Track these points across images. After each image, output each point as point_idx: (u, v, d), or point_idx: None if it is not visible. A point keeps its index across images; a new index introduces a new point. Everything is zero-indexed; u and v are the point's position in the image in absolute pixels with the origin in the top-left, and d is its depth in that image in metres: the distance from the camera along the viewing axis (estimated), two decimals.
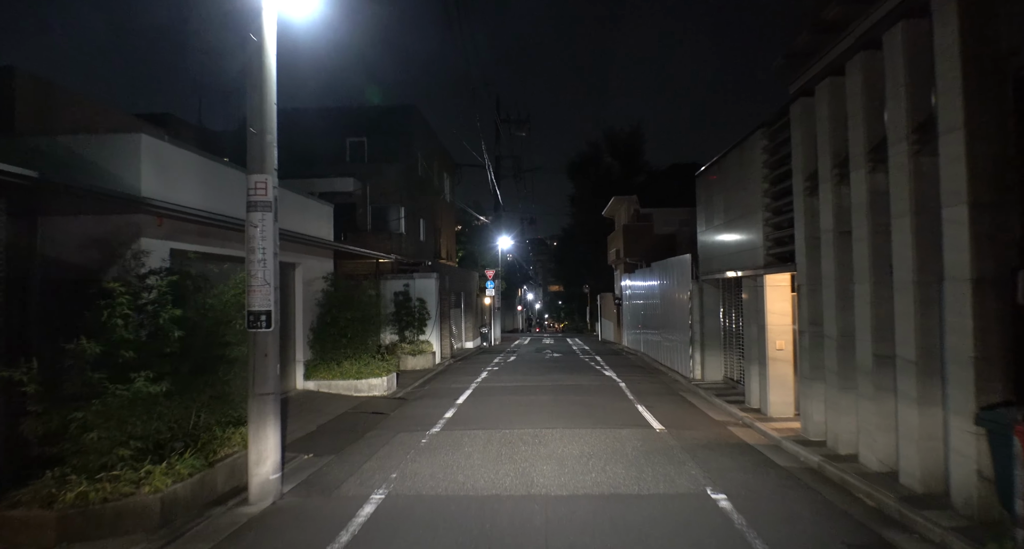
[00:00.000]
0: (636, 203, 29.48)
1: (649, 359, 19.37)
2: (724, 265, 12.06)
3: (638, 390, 12.79)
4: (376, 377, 12.42)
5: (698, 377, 14.10)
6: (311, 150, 23.39)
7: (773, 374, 9.75)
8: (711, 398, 11.72)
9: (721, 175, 12.29)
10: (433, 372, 16.58)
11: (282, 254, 12.13)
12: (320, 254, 13.32)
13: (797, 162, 8.47)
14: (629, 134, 47.17)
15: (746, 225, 10.68)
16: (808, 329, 8.20)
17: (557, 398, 11.78)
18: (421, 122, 26.14)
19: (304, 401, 11.34)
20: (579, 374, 15.78)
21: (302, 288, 12.44)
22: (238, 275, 6.88)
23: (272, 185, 6.17)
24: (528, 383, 14.10)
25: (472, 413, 10.37)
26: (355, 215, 22.32)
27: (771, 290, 9.85)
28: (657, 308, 18.59)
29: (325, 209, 13.88)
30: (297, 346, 12.35)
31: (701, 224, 13.90)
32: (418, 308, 17.94)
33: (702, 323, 14.03)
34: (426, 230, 26.75)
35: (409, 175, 23.97)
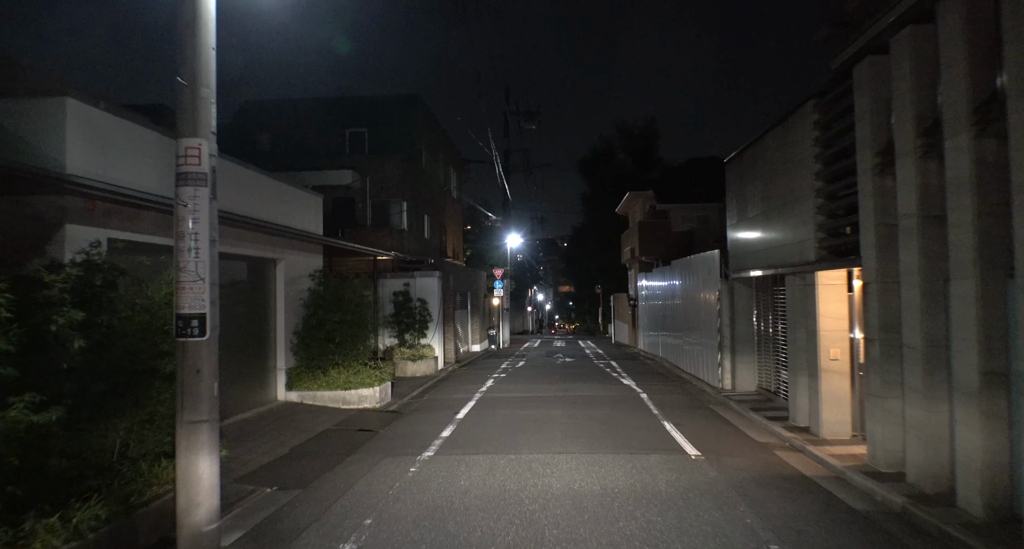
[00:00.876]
0: (652, 199, 27.99)
1: (669, 365, 17.89)
2: (760, 261, 10.59)
3: (662, 402, 11.34)
4: (367, 387, 11.05)
5: (728, 387, 12.63)
6: (307, 142, 22.15)
7: (826, 388, 8.28)
8: (747, 413, 10.26)
9: (757, 160, 10.83)
10: (434, 379, 15.20)
11: (259, 248, 10.80)
12: (306, 249, 11.98)
13: (863, 134, 7.01)
14: (643, 129, 45.59)
15: (790, 215, 9.22)
16: (879, 337, 6.73)
17: (571, 412, 10.36)
18: (426, 113, 24.80)
19: (283, 415, 9.98)
20: (594, 382, 14.35)
21: (284, 287, 11.10)
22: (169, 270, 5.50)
23: (208, 152, 4.80)
24: (538, 393, 12.69)
25: (473, 432, 8.97)
26: (354, 210, 21.02)
27: (824, 290, 8.38)
28: (678, 310, 17.12)
29: (312, 200, 12.54)
30: (278, 352, 11.01)
31: (732, 217, 12.43)
32: (419, 309, 16.57)
33: (732, 327, 12.56)
34: (431, 227, 25.40)
35: (412, 168, 22.62)
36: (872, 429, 6.90)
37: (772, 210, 10.04)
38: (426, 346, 16.45)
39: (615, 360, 20.31)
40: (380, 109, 22.89)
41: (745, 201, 11.55)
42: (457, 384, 14.42)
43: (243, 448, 7.83)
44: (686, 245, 26.18)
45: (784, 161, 9.54)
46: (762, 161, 10.56)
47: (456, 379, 15.49)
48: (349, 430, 9.25)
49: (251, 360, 10.21)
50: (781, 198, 9.63)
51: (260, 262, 10.56)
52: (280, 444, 8.22)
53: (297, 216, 11.71)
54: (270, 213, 10.50)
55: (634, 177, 39.61)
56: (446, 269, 19.03)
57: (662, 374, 16.23)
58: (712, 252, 13.41)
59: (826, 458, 7.30)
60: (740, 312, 12.44)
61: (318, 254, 12.58)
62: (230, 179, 9.34)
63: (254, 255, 10.15)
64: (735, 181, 12.24)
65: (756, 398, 11.56)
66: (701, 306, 14.35)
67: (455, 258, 30.15)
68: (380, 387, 11.26)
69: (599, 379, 15.04)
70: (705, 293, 13.97)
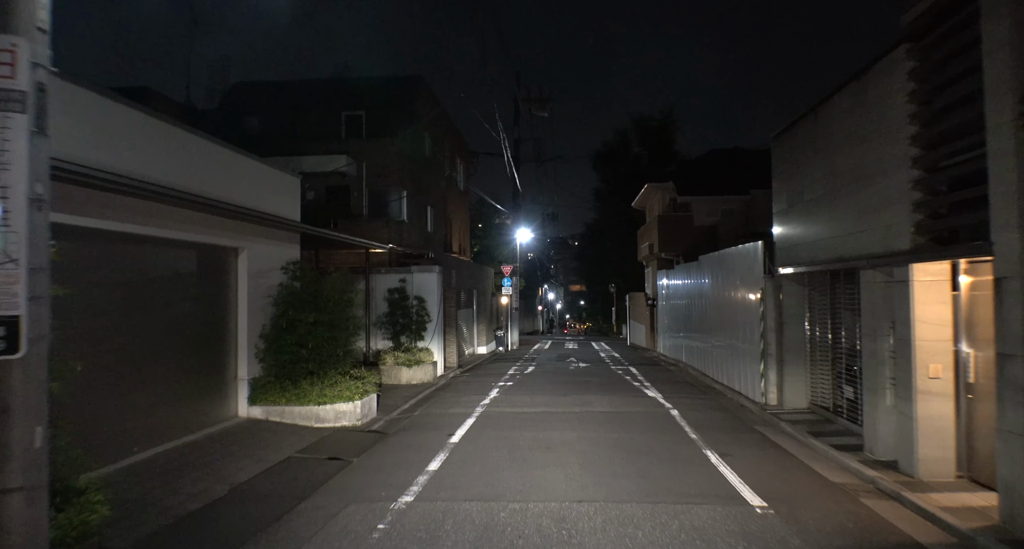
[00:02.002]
0: (672, 191, 26.07)
1: (696, 373, 16.00)
2: (821, 253, 8.70)
3: (698, 422, 9.48)
4: (345, 401, 9.27)
5: (772, 402, 10.74)
6: (300, 126, 20.47)
7: (924, 415, 6.40)
8: (805, 438, 8.39)
9: (817, 131, 8.94)
10: (432, 388, 13.41)
11: (213, 234, 8.60)
12: (278, 238, 10.21)
13: (997, 75, 5.12)
14: (660, 122, 43.59)
15: (868, 194, 7.33)
16: (1022, 353, 4.85)
17: (590, 435, 8.53)
18: (429, 96, 23.01)
19: (240, 437, 8.21)
20: (614, 394, 12.49)
21: (248, 281, 9.33)
22: None
23: (29, 58, 3.01)
24: (549, 408, 10.85)
25: (468, 464, 7.16)
26: (349, 199, 19.29)
27: (921, 288, 6.49)
28: (707, 311, 15.23)
29: (286, 181, 10.75)
30: (239, 359, 9.24)
31: (780, 202, 10.53)
32: (416, 308, 14.78)
33: (779, 331, 10.67)
34: (434, 220, 23.63)
35: (414, 155, 20.85)
36: (1009, 477, 5.02)
37: (840, 190, 8.15)
38: (423, 350, 14.66)
39: (634, 366, 18.42)
40: (379, 91, 21.12)
41: (799, 182, 9.66)
42: (457, 394, 12.61)
43: (167, 488, 6.05)
44: (709, 241, 24.24)
45: (858, 128, 7.65)
46: (825, 131, 8.66)
47: (456, 388, 13.68)
48: (316, 458, 7.46)
49: (202, 369, 8.45)
50: (854, 174, 7.74)
51: (215, 251, 8.80)
52: (220, 480, 6.44)
53: (267, 198, 9.94)
54: (229, 193, 8.73)
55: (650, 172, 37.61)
56: (448, 264, 17.23)
57: (689, 384, 14.34)
58: (753, 244, 11.51)
59: (936, 512, 5.43)
60: (789, 315, 10.54)
61: (294, 244, 10.80)
62: (171, 146, 7.58)
63: (206, 242, 8.39)
64: (785, 160, 10.34)
65: (810, 418, 9.67)
66: (738, 307, 12.46)
67: (461, 254, 28.38)
68: (362, 401, 9.47)
69: (619, 389, 13.18)
70: (743, 292, 12.08)
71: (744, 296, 12.03)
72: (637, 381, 14.58)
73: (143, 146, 7.04)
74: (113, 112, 6.63)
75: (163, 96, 22.72)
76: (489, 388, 13.35)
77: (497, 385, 13.85)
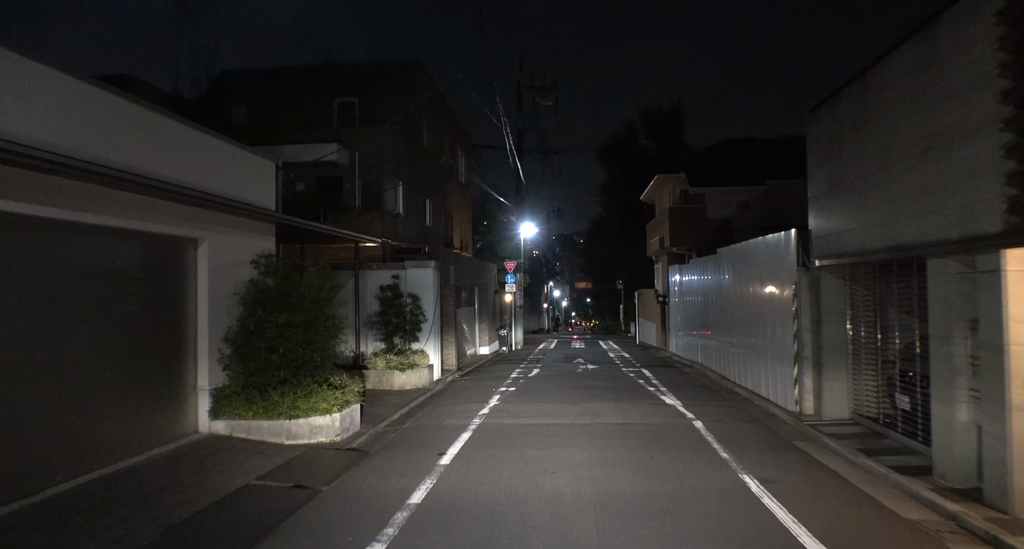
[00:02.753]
0: (684, 182, 24.80)
1: (715, 375, 14.75)
2: (872, 240, 7.46)
3: (727, 436, 8.26)
4: (322, 414, 8.08)
5: (808, 411, 9.51)
6: (290, 113, 19.32)
7: (1021, 436, 5.16)
8: (856, 457, 7.15)
9: (868, 98, 7.68)
10: (427, 394, 12.22)
11: (165, 221, 7.08)
12: (247, 228, 9.03)
13: None
14: (668, 113, 42.36)
15: (941, 165, 6.08)
16: None
17: (603, 455, 7.32)
18: (427, 82, 21.80)
19: (195, 458, 7.03)
20: (627, 401, 11.27)
21: (210, 277, 8.15)
22: None
23: None
24: (555, 419, 9.65)
25: (459, 495, 5.96)
26: (341, 191, 18.10)
27: (1016, 279, 5.25)
28: (727, 308, 13.99)
29: (259, 164, 9.56)
30: (199, 366, 8.07)
31: (817, 184, 9.28)
32: (410, 307, 13.59)
33: (816, 331, 9.42)
34: (433, 213, 22.42)
35: (410, 144, 19.64)
36: None
37: (897, 165, 6.91)
38: (418, 352, 13.46)
39: (647, 367, 17.17)
40: (373, 77, 19.92)
41: (842, 160, 8.41)
42: (454, 402, 11.42)
43: (82, 532, 4.87)
44: (724, 234, 22.99)
45: (925, 89, 6.40)
46: (878, 98, 7.41)
47: (454, 394, 12.48)
48: (279, 486, 6.28)
49: (151, 378, 7.28)
50: (918, 144, 6.49)
51: (167, 242, 7.62)
52: (155, 518, 5.25)
53: (235, 183, 8.76)
54: (187, 174, 7.56)
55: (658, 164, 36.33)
56: (446, 259, 16.02)
57: (709, 388, 13.10)
58: (784, 233, 10.26)
59: None
60: (828, 312, 9.29)
61: (268, 236, 9.61)
62: (102, 115, 6.39)
63: (155, 231, 7.20)
64: (824, 136, 9.08)
65: (856, 431, 8.42)
66: (765, 304, 11.22)
67: (463, 250, 27.18)
68: (341, 413, 8.28)
69: (633, 395, 11.96)
70: (772, 287, 10.83)
71: (773, 292, 10.79)
72: (651, 385, 13.34)
73: (62, 112, 5.86)
74: (14, 66, 5.44)
75: (147, 85, 21.57)
76: (489, 394, 12.15)
77: (498, 391, 12.64)
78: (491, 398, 11.64)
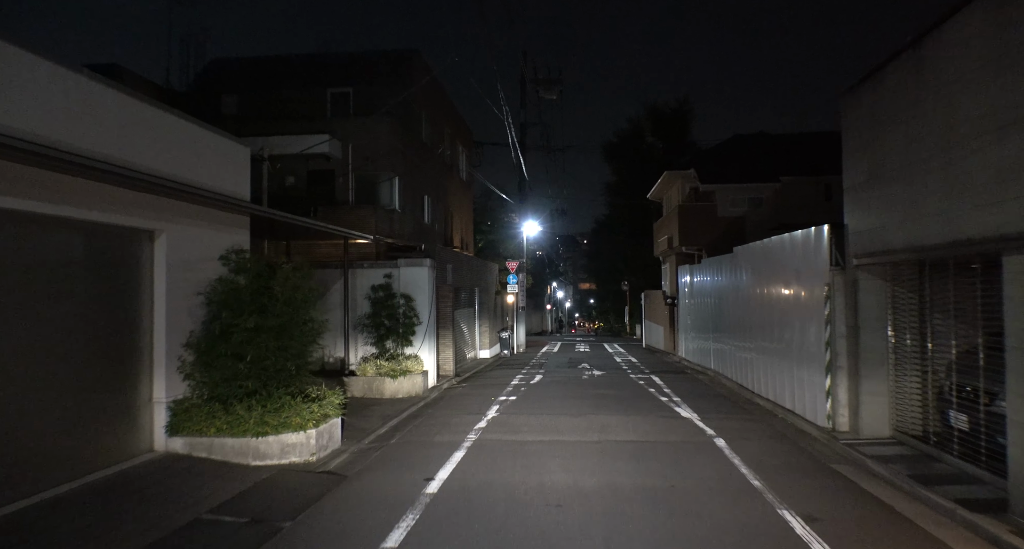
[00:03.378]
0: (694, 179, 23.79)
1: (731, 384, 13.75)
2: (928, 235, 6.46)
3: (756, 459, 7.25)
4: (295, 430, 7.12)
5: (843, 428, 8.50)
6: (281, 104, 18.37)
7: None
8: (912, 486, 6.15)
9: (922, 74, 6.69)
10: (420, 403, 11.25)
11: (115, 210, 5.79)
12: (216, 220, 8.08)
13: None
14: (675, 110, 41.30)
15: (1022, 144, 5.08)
16: None
17: (613, 482, 6.34)
18: (425, 72, 20.85)
19: (142, 484, 6.07)
20: (638, 413, 10.28)
21: (169, 274, 7.19)
22: None
23: None
24: (558, 435, 8.66)
25: (445, 542, 4.98)
26: (333, 185, 17.14)
27: None
28: (745, 311, 12.98)
29: (231, 149, 8.59)
30: (155, 376, 7.10)
31: (856, 172, 8.29)
32: (403, 308, 12.63)
33: (853, 338, 8.42)
34: (432, 210, 21.46)
35: (408, 137, 18.69)
36: None
37: (964, 146, 5.91)
38: (411, 357, 12.49)
39: (657, 374, 16.16)
40: (369, 66, 18.97)
41: (888, 145, 7.42)
42: (448, 412, 10.44)
43: None
44: (735, 233, 22.00)
45: (1004, 54, 5.41)
46: (937, 68, 6.41)
47: (449, 403, 11.51)
48: (233, 522, 5.30)
49: (95, 390, 6.32)
50: (995, 119, 5.49)
51: (118, 233, 6.66)
52: None
53: (202, 169, 7.80)
54: (138, 156, 6.61)
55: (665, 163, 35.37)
56: (442, 257, 15.03)
57: (726, 398, 12.09)
58: (815, 229, 9.25)
59: None
60: (867, 317, 8.28)
61: (241, 229, 8.65)
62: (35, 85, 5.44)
63: (103, 221, 6.25)
64: (865, 119, 8.08)
65: (902, 452, 7.41)
66: (790, 308, 10.22)
67: (464, 249, 26.21)
68: (317, 430, 7.30)
69: (644, 406, 10.96)
70: (800, 289, 9.83)
71: (801, 294, 9.79)
72: (664, 395, 12.34)
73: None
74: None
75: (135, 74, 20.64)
76: (488, 404, 11.16)
77: (497, 400, 11.66)
78: (489, 409, 10.65)
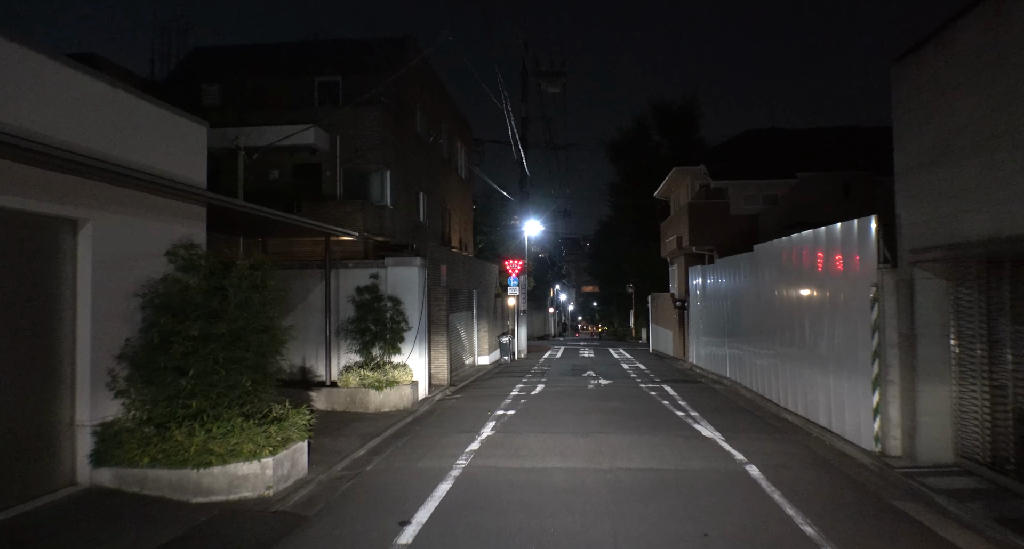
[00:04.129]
0: (705, 175, 22.56)
1: (751, 395, 12.52)
2: (1020, 221, 5.25)
3: (799, 492, 6.04)
4: (247, 460, 5.93)
5: (896, 452, 7.29)
6: (266, 94, 17.22)
7: None
8: (1000, 532, 4.94)
9: (1012, 22, 5.49)
10: (407, 419, 10.06)
11: (23, 194, 4.02)
12: (159, 209, 6.90)
13: None
14: (682, 107, 40.05)
15: None
16: None
17: (634, 532, 5.14)
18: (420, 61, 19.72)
19: (49, 528, 4.88)
20: (654, 432, 9.07)
21: (96, 271, 6.03)
22: None
23: None
24: (564, 460, 7.46)
25: None
26: (320, 179, 16.00)
27: None
28: (769, 315, 11.76)
29: (178, 125, 7.40)
30: (79, 393, 5.93)
31: (912, 153, 7.09)
32: (391, 312, 11.44)
33: (908, 348, 7.20)
34: (428, 208, 20.30)
35: (401, 129, 17.53)
36: None
37: None
38: (399, 366, 11.29)
39: (669, 383, 14.93)
40: (359, 54, 17.81)
41: (958, 116, 6.22)
42: (438, 431, 9.25)
43: None
44: (749, 232, 20.75)
45: None
46: None
47: (440, 419, 10.31)
48: None
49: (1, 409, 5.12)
50: None
51: (28, 222, 5.49)
52: None
53: (141, 148, 6.63)
54: (55, 128, 5.44)
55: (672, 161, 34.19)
56: (436, 256, 13.85)
57: (749, 412, 10.86)
58: (857, 222, 8.04)
59: None
60: (925, 323, 7.07)
61: (195, 221, 7.47)
62: None
63: (5, 206, 5.08)
64: (923, 89, 6.88)
65: (974, 485, 6.20)
66: (825, 311, 9.00)
67: (463, 249, 25.03)
68: (276, 457, 6.11)
69: (659, 424, 9.75)
70: (837, 290, 8.62)
71: (839, 296, 8.58)
72: (679, 408, 11.12)
73: None
74: None
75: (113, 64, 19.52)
76: (483, 419, 9.96)
77: (494, 414, 10.46)
78: (484, 426, 9.45)
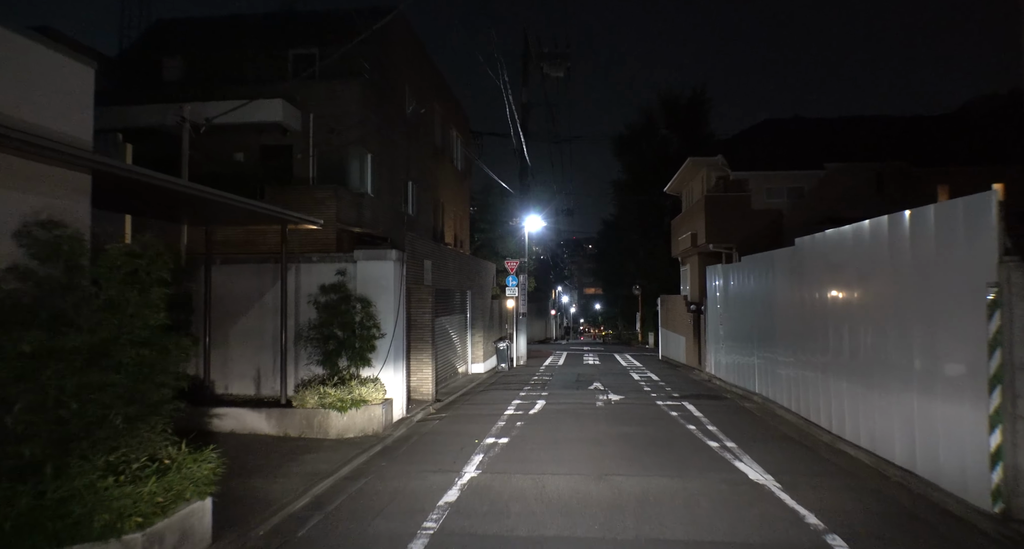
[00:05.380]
0: (722, 166, 20.61)
1: (791, 416, 10.50)
2: None
3: None
4: (97, 541, 3.94)
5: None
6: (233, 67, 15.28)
7: None
8: None
9: None
10: (373, 450, 8.09)
11: None
12: (12, 175, 4.91)
13: None
14: (690, 100, 38.10)
15: None
16: None
17: None
18: (406, 34, 17.78)
19: None
20: (684, 474, 7.08)
21: None
22: None
23: None
24: (570, 525, 5.48)
25: None
26: (291, 161, 14.05)
27: None
28: (819, 324, 9.75)
29: (51, 62, 5.44)
30: None
31: None
32: (360, 316, 9.47)
33: None
34: (418, 200, 18.33)
35: (386, 110, 15.58)
36: None
37: None
38: (370, 381, 9.31)
39: (689, 400, 12.91)
40: (339, 25, 15.85)
41: None
42: (408, 469, 7.25)
43: None
44: (772, 229, 18.81)
45: None
46: None
47: (414, 450, 8.32)
48: None
49: None
50: None
51: None
52: None
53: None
54: None
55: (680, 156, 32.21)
56: (417, 250, 11.85)
57: (796, 442, 8.85)
58: (963, 201, 6.04)
59: None
60: None
61: (75, 194, 5.49)
62: None
63: None
64: None
65: None
66: (907, 318, 6.99)
67: (458, 247, 23.06)
68: (148, 531, 4.13)
69: (689, 459, 7.75)
70: (926, 293, 6.62)
71: (928, 301, 6.58)
72: (709, 435, 9.12)
73: None
74: None
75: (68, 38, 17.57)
76: (468, 451, 7.97)
77: (483, 443, 8.48)
78: (468, 462, 7.46)
